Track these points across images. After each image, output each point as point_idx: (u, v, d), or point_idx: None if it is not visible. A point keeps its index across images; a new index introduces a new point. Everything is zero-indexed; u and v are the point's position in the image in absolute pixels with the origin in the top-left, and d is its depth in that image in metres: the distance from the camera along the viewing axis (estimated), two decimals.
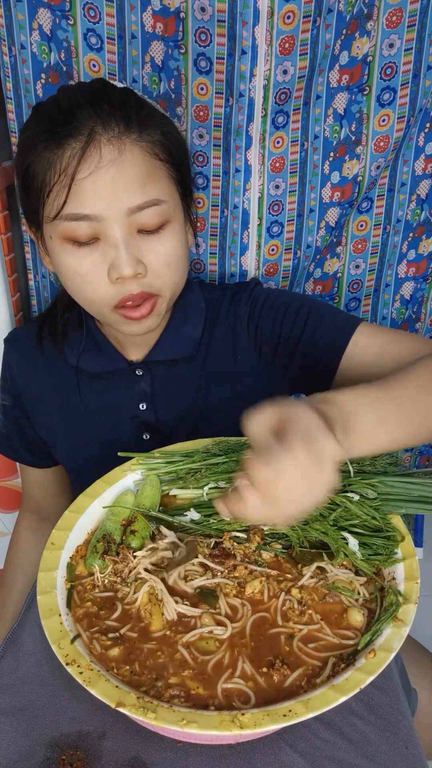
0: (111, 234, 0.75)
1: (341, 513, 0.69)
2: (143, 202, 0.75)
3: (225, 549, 0.69)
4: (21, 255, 1.15)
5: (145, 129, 0.76)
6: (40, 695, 0.66)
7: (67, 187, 0.73)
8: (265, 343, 0.90)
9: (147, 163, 0.75)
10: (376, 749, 0.61)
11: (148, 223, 0.76)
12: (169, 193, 0.78)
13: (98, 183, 0.73)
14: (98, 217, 0.74)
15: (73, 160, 0.72)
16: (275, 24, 0.87)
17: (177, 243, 0.80)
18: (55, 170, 0.73)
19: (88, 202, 0.73)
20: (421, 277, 1.22)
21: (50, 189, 0.74)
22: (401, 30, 0.95)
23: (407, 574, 0.64)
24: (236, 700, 0.56)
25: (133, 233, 0.76)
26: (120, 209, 0.74)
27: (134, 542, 0.70)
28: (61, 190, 0.73)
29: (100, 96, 0.75)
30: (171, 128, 0.81)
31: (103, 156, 0.73)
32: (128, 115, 0.75)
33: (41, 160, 0.75)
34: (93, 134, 0.73)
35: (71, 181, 0.73)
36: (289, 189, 1.04)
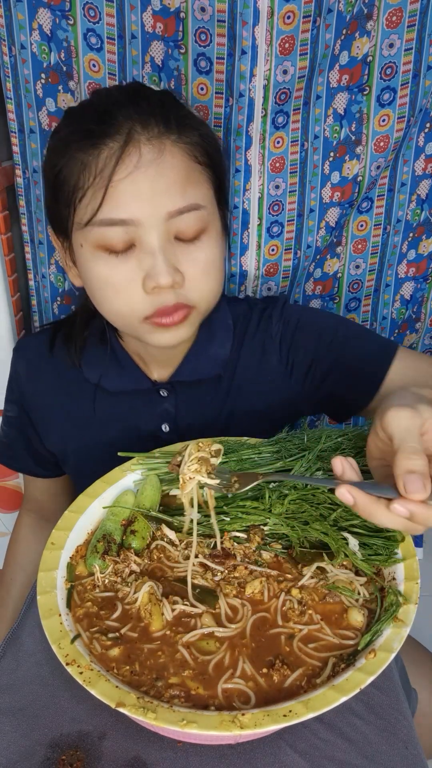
0: (147, 240, 0.70)
1: (341, 513, 0.69)
2: (183, 207, 0.71)
3: (225, 549, 0.69)
4: (21, 255, 1.15)
5: (184, 130, 0.72)
6: (40, 695, 0.66)
7: (103, 189, 0.68)
8: (298, 364, 0.88)
9: (187, 166, 0.72)
10: (376, 749, 0.61)
11: (187, 229, 0.72)
12: (208, 198, 0.75)
13: (137, 185, 0.68)
14: (135, 221, 0.69)
15: (111, 161, 0.68)
16: (275, 24, 0.87)
17: (215, 251, 0.76)
18: (90, 172, 0.69)
19: (125, 206, 0.69)
20: (421, 277, 1.22)
21: (84, 192, 0.70)
22: (401, 30, 0.95)
23: (407, 575, 0.64)
24: (236, 701, 0.56)
25: (170, 240, 0.72)
26: (158, 213, 0.70)
27: (134, 542, 0.70)
28: (96, 192, 0.69)
29: (138, 95, 0.73)
30: (208, 131, 0.78)
31: (143, 156, 0.69)
32: (167, 115, 0.71)
33: (74, 163, 0.71)
34: (132, 133, 0.69)
35: (108, 182, 0.68)
36: (289, 189, 1.04)
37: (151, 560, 0.69)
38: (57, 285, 1.14)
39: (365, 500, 0.54)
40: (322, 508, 0.70)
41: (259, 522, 0.71)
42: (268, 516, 0.70)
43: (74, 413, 0.90)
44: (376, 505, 0.54)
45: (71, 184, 0.71)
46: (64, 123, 0.76)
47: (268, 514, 0.70)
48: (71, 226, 0.74)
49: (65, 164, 0.72)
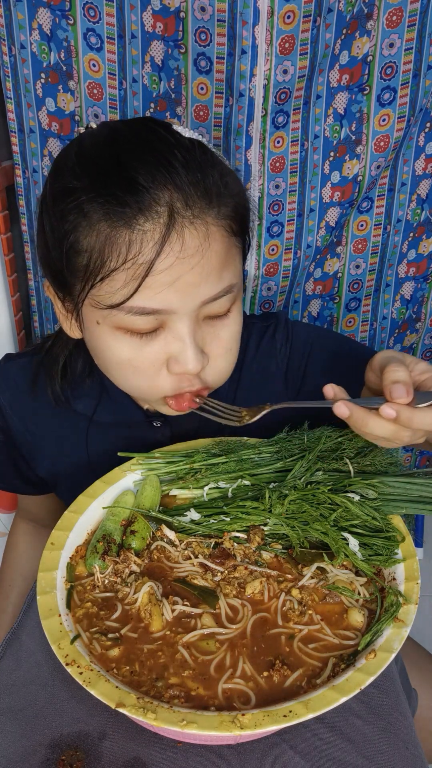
0: (178, 326, 0.64)
1: (341, 513, 0.69)
2: (218, 292, 0.65)
3: (225, 549, 0.69)
4: (21, 255, 1.15)
5: (224, 200, 0.63)
6: (40, 695, 0.66)
7: (139, 279, 0.60)
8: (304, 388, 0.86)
9: (227, 245, 0.64)
10: (376, 749, 0.61)
11: (218, 311, 0.67)
12: (239, 271, 0.68)
13: (177, 276, 0.61)
14: (169, 311, 0.63)
15: (149, 247, 0.59)
16: (275, 24, 0.87)
17: (238, 325, 0.70)
18: (120, 254, 0.60)
19: (162, 297, 0.62)
20: (421, 276, 1.22)
21: (109, 274, 0.61)
22: (401, 30, 0.95)
23: (407, 575, 0.64)
24: (236, 701, 0.56)
25: (200, 323, 0.67)
26: (195, 303, 0.63)
27: (134, 542, 0.70)
28: (130, 280, 0.61)
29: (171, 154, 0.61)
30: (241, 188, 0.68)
31: (186, 243, 0.60)
32: (208, 184, 0.62)
33: (97, 236, 0.61)
34: (173, 214, 0.59)
35: (146, 273, 0.60)
36: (289, 189, 1.04)
37: (151, 560, 0.69)
38: None
39: (359, 412, 0.59)
40: (323, 508, 0.70)
41: (259, 522, 0.71)
42: (268, 516, 0.70)
43: (63, 444, 0.87)
44: (368, 414, 0.59)
45: (92, 259, 0.62)
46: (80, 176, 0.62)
47: (268, 514, 0.70)
48: (82, 297, 0.65)
49: (84, 234, 0.62)
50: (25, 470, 0.92)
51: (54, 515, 1.01)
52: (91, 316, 0.66)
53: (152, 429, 0.84)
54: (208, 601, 0.64)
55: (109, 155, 0.62)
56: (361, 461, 0.75)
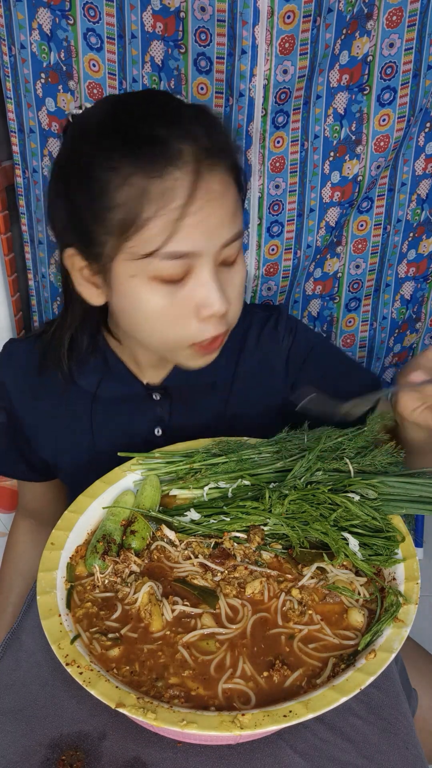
0: (202, 271, 0.69)
1: (342, 513, 0.69)
2: (233, 235, 0.70)
3: (225, 549, 0.69)
4: (21, 255, 1.15)
5: (231, 153, 0.71)
6: (40, 695, 0.66)
7: (173, 223, 0.65)
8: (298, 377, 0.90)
9: (236, 194, 0.71)
10: (376, 749, 0.61)
11: (231, 256, 0.72)
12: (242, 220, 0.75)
13: (204, 218, 0.67)
14: (196, 254, 0.68)
15: (181, 193, 0.65)
16: (275, 24, 0.87)
17: (245, 272, 0.76)
18: (155, 203, 0.65)
19: (192, 239, 0.67)
20: (421, 276, 1.22)
21: (145, 224, 0.66)
22: (401, 30, 0.95)
23: (407, 575, 0.64)
24: (236, 701, 0.56)
25: (218, 267, 0.71)
26: (216, 245, 0.69)
27: (134, 542, 0.70)
28: (165, 226, 0.66)
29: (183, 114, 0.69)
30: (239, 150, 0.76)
31: (211, 188, 0.67)
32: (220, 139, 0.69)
33: (131, 190, 0.65)
34: (199, 163, 0.66)
35: (179, 216, 0.65)
36: (289, 189, 1.04)
37: (151, 560, 0.69)
38: (57, 285, 1.14)
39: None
40: (322, 508, 0.70)
41: (259, 522, 0.71)
42: (268, 516, 0.70)
43: (66, 421, 0.89)
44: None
45: (127, 212, 0.66)
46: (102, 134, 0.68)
47: (268, 514, 0.70)
48: (112, 252, 0.69)
49: (117, 188, 0.66)
50: (27, 454, 0.93)
51: (54, 509, 1.03)
52: (124, 270, 0.70)
53: (152, 403, 0.87)
54: (208, 601, 0.64)
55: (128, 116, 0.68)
56: (361, 461, 0.75)
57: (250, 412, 0.90)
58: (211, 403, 0.89)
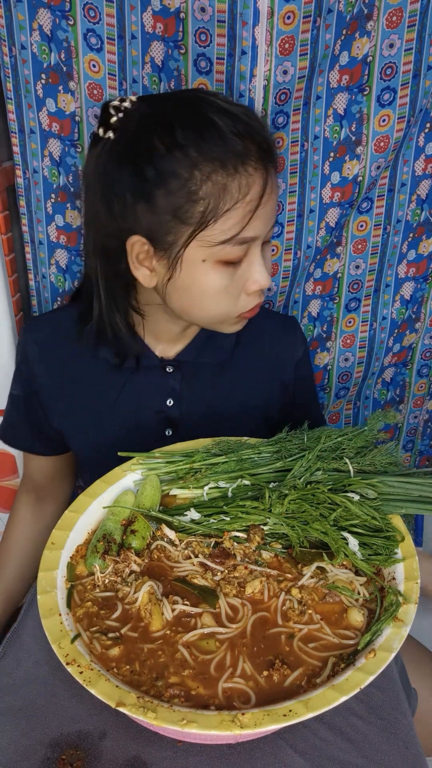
0: (255, 252, 0.79)
1: (341, 513, 0.69)
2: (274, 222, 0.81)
3: (225, 549, 0.69)
4: (21, 255, 1.15)
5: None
6: (40, 695, 0.66)
7: (250, 214, 0.75)
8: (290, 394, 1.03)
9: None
10: (376, 749, 0.61)
11: (268, 237, 0.82)
12: None
13: (267, 209, 0.77)
14: (257, 238, 0.78)
15: (256, 189, 0.75)
16: (275, 24, 0.87)
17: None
18: (231, 196, 0.74)
19: (259, 227, 0.77)
20: (421, 277, 1.22)
21: (223, 215, 0.74)
22: (401, 30, 0.95)
23: (407, 574, 0.64)
24: (236, 700, 0.56)
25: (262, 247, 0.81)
26: (268, 229, 0.80)
27: (135, 542, 0.70)
28: (243, 216, 0.75)
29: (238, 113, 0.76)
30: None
31: (273, 183, 0.78)
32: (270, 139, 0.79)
33: (212, 185, 0.73)
34: (265, 162, 0.76)
35: (256, 208, 0.75)
36: (289, 189, 1.04)
37: (151, 560, 0.70)
38: (57, 285, 1.14)
39: None
40: (322, 507, 0.70)
41: (259, 522, 0.71)
42: (268, 516, 0.70)
43: (83, 390, 0.94)
44: None
45: (208, 206, 0.74)
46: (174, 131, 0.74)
47: (268, 513, 0.70)
48: (187, 241, 0.76)
49: (199, 185, 0.73)
50: (42, 425, 0.98)
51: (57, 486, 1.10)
52: (195, 256, 0.77)
53: (165, 375, 0.94)
54: (208, 600, 0.64)
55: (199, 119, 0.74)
56: (361, 461, 0.75)
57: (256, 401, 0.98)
58: (219, 383, 0.96)
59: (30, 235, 1.11)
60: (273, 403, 1.01)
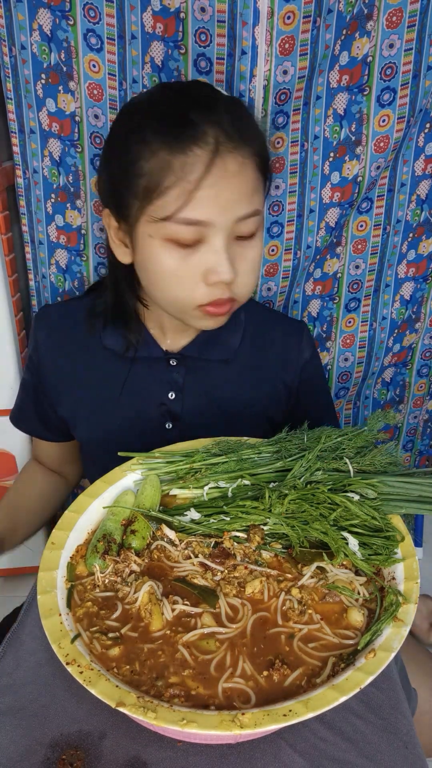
0: (214, 240, 0.77)
1: (341, 513, 0.69)
2: (249, 213, 0.78)
3: (225, 549, 0.69)
4: (21, 255, 1.15)
5: (255, 142, 0.79)
6: (40, 695, 0.66)
7: (188, 193, 0.74)
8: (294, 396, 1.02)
9: (256, 176, 0.79)
10: (376, 749, 0.61)
11: (247, 231, 0.79)
12: (263, 203, 0.83)
13: (218, 192, 0.75)
14: (209, 223, 0.76)
15: (198, 168, 0.74)
16: (275, 24, 0.87)
17: (260, 250, 0.84)
18: (174, 174, 0.74)
19: (206, 210, 0.75)
20: (421, 277, 1.22)
21: (164, 191, 0.75)
22: (401, 30, 0.95)
23: (407, 574, 0.64)
24: (236, 700, 0.56)
25: (231, 240, 0.79)
26: (230, 219, 0.77)
27: (135, 542, 0.70)
28: (180, 194, 0.74)
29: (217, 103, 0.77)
30: (265, 139, 0.84)
31: (228, 168, 0.75)
32: (245, 127, 0.78)
33: (157, 160, 0.75)
34: (218, 144, 0.74)
35: (194, 188, 0.74)
36: (289, 189, 1.04)
37: (151, 560, 0.70)
38: (57, 285, 1.14)
39: None
40: (322, 507, 0.70)
41: (259, 522, 0.71)
42: (268, 516, 0.70)
43: (88, 379, 0.96)
44: None
45: (151, 180, 0.75)
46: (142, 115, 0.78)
47: (268, 513, 0.70)
48: (137, 214, 0.78)
49: (145, 159, 0.76)
50: (48, 412, 1.01)
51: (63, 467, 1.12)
52: (144, 230, 0.79)
53: (169, 368, 0.95)
54: (208, 600, 0.64)
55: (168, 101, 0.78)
56: (361, 461, 0.75)
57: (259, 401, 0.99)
58: (223, 381, 0.97)
59: (30, 235, 1.11)
60: (276, 405, 1.01)
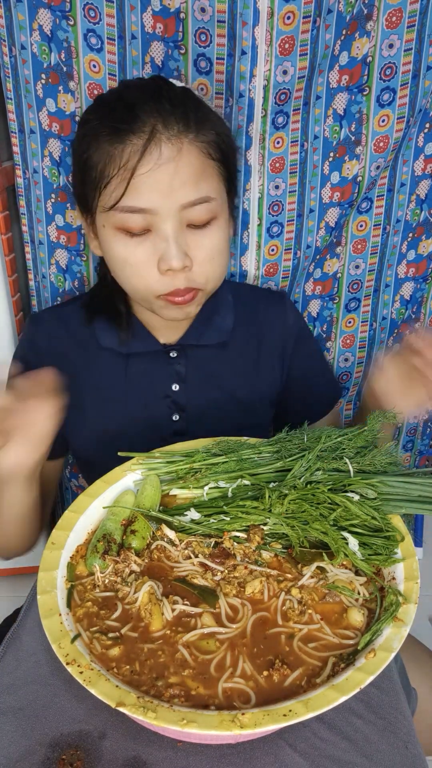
0: (162, 227, 0.78)
1: (341, 513, 0.69)
2: (195, 199, 0.78)
3: (225, 549, 0.69)
4: (21, 255, 1.15)
5: (201, 129, 0.78)
6: (40, 695, 0.66)
7: (126, 180, 0.76)
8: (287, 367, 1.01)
9: (201, 162, 0.78)
10: (376, 749, 0.61)
11: (198, 219, 0.79)
12: (218, 190, 0.82)
13: (156, 179, 0.76)
14: (153, 210, 0.77)
15: (134, 156, 0.75)
16: (275, 24, 0.87)
17: (221, 238, 0.83)
18: (115, 163, 0.76)
19: (146, 197, 0.76)
20: (420, 277, 1.22)
21: (108, 181, 0.77)
22: (401, 30, 0.95)
23: (407, 574, 0.64)
24: (236, 700, 0.56)
25: (182, 227, 0.79)
26: (174, 205, 0.77)
27: (135, 542, 0.70)
28: (120, 183, 0.76)
29: (161, 94, 0.78)
30: (224, 128, 0.84)
31: (163, 154, 0.75)
32: (187, 115, 0.77)
33: (101, 153, 0.77)
34: (154, 132, 0.75)
35: (131, 175, 0.75)
36: (289, 189, 1.04)
37: (151, 560, 0.70)
38: (57, 285, 1.14)
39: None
40: (322, 507, 0.70)
41: (259, 522, 0.71)
42: (268, 516, 0.70)
43: (90, 380, 0.96)
44: None
45: (98, 171, 0.78)
46: (94, 112, 0.81)
47: (268, 513, 0.70)
48: (95, 206, 0.81)
49: (93, 152, 0.78)
50: None
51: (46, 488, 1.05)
52: (100, 221, 0.81)
53: (169, 360, 0.95)
54: (208, 600, 0.64)
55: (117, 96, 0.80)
56: (361, 461, 0.75)
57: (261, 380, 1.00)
58: (223, 364, 0.97)
59: (30, 235, 1.11)
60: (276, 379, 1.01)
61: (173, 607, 0.63)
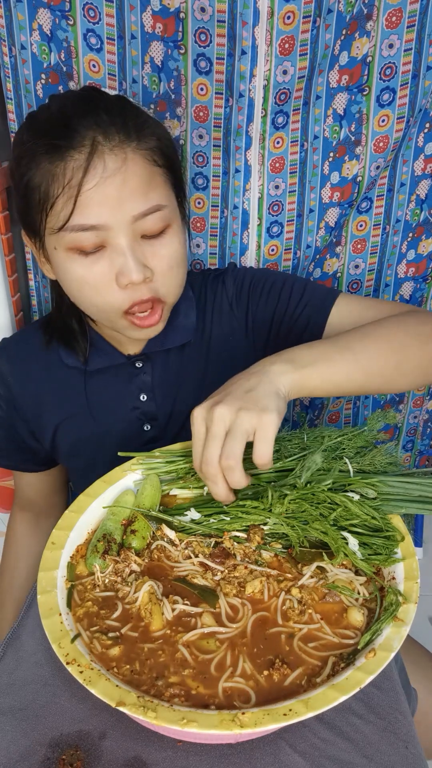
0: (117, 242, 0.76)
1: (341, 512, 0.69)
2: (146, 209, 0.76)
3: (225, 549, 0.69)
4: (21, 255, 1.15)
5: (143, 136, 0.76)
6: (40, 695, 0.66)
7: (73, 198, 0.73)
8: (252, 321, 0.94)
9: (148, 171, 0.76)
10: (376, 749, 0.61)
11: (152, 228, 0.77)
12: (168, 197, 0.80)
13: (104, 193, 0.73)
14: (104, 226, 0.74)
15: (78, 172, 0.72)
16: (275, 24, 0.87)
17: (178, 245, 0.81)
18: (59, 182, 0.73)
19: (95, 213, 0.74)
20: (420, 277, 1.22)
21: (54, 201, 0.74)
22: (401, 30, 0.95)
23: (407, 574, 0.64)
24: (237, 700, 0.56)
25: (137, 239, 0.77)
26: (125, 217, 0.75)
27: (135, 542, 0.70)
28: (66, 202, 0.73)
29: (97, 105, 0.76)
30: (164, 132, 0.81)
31: (107, 166, 0.73)
32: (126, 124, 0.75)
33: (42, 173, 0.74)
34: (95, 145, 0.73)
35: (77, 192, 0.73)
36: (289, 189, 1.04)
37: (151, 560, 0.70)
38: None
39: None
40: (322, 507, 0.70)
41: (259, 522, 0.71)
42: (268, 516, 0.70)
43: (59, 399, 0.95)
44: None
45: (42, 192, 0.75)
46: (28, 132, 0.77)
47: (268, 513, 0.70)
48: (43, 229, 0.78)
49: (34, 174, 0.75)
50: (28, 441, 0.98)
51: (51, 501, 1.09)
52: (50, 244, 0.78)
53: (136, 371, 0.94)
54: (208, 600, 0.64)
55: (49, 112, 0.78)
56: (361, 461, 0.75)
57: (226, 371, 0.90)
58: (191, 365, 0.95)
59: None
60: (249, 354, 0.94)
61: (173, 606, 0.63)
